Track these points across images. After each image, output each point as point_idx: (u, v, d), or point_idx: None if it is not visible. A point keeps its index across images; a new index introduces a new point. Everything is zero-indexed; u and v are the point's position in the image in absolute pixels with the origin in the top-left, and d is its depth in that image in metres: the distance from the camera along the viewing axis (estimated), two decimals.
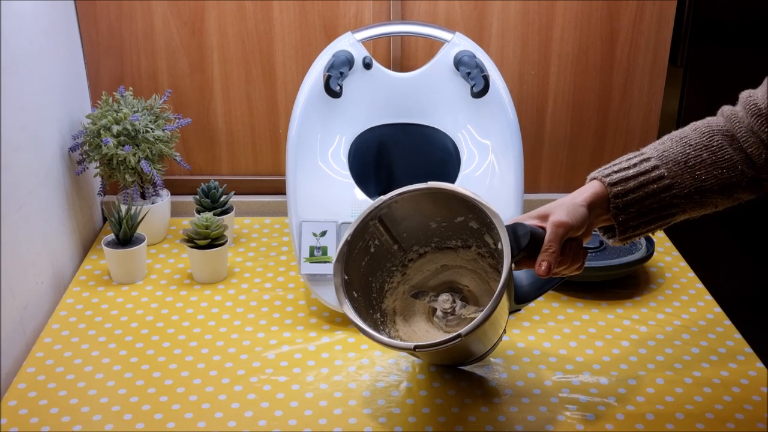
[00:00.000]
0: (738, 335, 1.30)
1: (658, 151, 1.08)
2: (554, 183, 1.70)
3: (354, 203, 1.34)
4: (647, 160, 1.08)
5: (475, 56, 1.36)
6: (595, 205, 1.07)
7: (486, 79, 1.31)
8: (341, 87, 1.33)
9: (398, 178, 1.43)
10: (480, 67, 1.33)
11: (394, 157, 1.42)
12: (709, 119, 1.11)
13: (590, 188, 1.09)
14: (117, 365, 1.22)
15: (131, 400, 1.14)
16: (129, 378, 1.19)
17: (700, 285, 1.44)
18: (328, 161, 1.36)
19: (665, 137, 1.11)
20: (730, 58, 1.70)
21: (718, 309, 1.37)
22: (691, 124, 1.11)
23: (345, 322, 1.33)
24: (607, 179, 1.08)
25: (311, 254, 1.31)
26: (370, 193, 1.37)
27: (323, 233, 1.32)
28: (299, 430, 1.09)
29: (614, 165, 1.10)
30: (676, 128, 1.73)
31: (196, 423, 1.10)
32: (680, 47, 1.66)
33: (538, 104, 1.63)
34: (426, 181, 1.12)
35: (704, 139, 1.07)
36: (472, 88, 1.33)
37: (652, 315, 1.35)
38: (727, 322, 1.34)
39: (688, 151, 1.07)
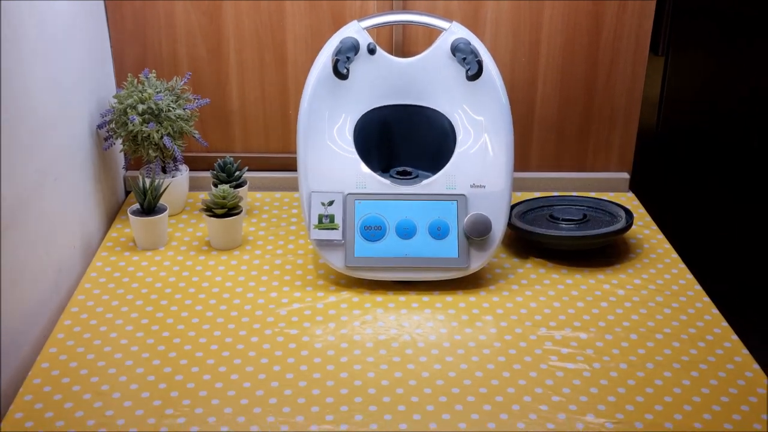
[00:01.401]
0: (707, 298, 1.43)
1: None
2: (544, 162, 1.83)
3: (359, 176, 1.47)
4: None
5: (470, 43, 1.49)
6: None
7: (480, 63, 1.44)
8: (348, 70, 1.46)
9: (399, 154, 1.57)
10: (474, 53, 1.46)
11: (396, 134, 1.56)
12: None
13: None
14: (144, 319, 1.36)
15: (159, 348, 1.28)
16: (155, 330, 1.33)
17: (675, 255, 1.57)
18: (335, 138, 1.49)
19: None
20: (709, 48, 1.83)
21: (690, 276, 1.50)
22: None
23: (350, 284, 1.46)
24: None
25: (320, 221, 1.45)
26: (374, 167, 1.50)
27: (331, 203, 1.45)
28: (309, 375, 1.23)
29: None
30: (658, 111, 1.88)
31: (217, 368, 1.24)
32: (661, 38, 1.79)
33: (529, 89, 1.76)
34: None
35: None
36: (467, 71, 1.46)
37: (630, 281, 1.49)
38: (698, 287, 1.47)
39: None
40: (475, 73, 1.44)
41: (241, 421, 1.13)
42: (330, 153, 1.48)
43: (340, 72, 1.44)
